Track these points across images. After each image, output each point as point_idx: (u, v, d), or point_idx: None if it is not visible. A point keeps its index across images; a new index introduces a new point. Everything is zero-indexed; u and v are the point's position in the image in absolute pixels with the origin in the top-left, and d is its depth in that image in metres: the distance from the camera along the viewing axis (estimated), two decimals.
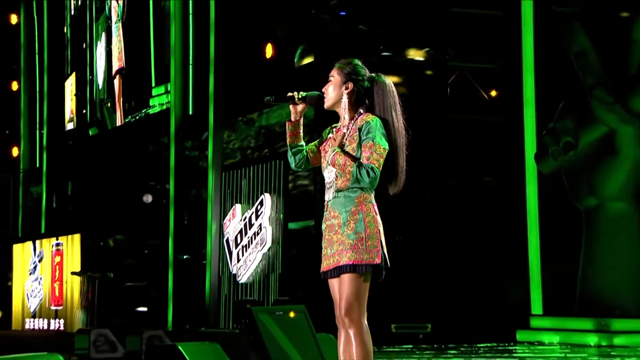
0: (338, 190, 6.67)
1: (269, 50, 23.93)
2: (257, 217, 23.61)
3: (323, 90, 6.86)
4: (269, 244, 23.12)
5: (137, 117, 28.81)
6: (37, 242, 29.83)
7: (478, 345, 20.32)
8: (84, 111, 30.37)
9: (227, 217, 24.74)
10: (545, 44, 22.34)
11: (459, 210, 22.77)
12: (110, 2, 29.49)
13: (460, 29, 22.92)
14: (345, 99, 6.75)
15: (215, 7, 25.52)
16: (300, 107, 6.86)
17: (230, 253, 24.49)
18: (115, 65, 29.20)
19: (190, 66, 26.51)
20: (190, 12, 26.44)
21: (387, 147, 6.53)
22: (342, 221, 6.58)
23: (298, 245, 23.17)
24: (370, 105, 6.77)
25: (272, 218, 23.17)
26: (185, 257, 26.39)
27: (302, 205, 23.45)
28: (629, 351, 19.07)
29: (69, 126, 31.25)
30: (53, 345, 22.51)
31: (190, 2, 26.39)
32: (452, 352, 18.94)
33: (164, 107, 28.01)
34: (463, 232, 22.43)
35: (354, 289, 6.56)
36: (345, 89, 6.75)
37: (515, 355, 18.98)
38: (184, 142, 26.81)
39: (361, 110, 6.76)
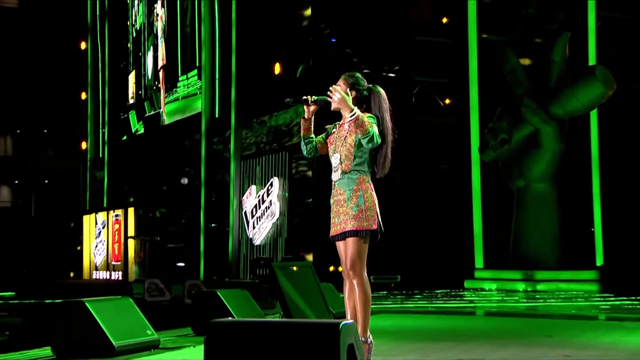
0: (343, 172, 6.88)
1: (277, 68, 24.10)
2: (268, 195, 23.86)
3: (330, 95, 6.86)
4: (277, 215, 23.39)
5: (171, 94, 29.53)
6: (101, 213, 30.07)
7: (436, 291, 20.71)
8: (140, 92, 30.63)
9: (245, 195, 24.99)
10: (486, 64, 22.56)
11: (421, 189, 22.88)
12: (158, 25, 29.80)
13: (422, 53, 22.98)
14: (347, 104, 6.80)
15: (236, 35, 25.73)
16: (312, 107, 6.97)
17: (248, 222, 24.75)
18: (160, 63, 29.59)
19: (217, 80, 26.66)
20: (217, 38, 26.60)
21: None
22: (346, 197, 6.82)
23: (299, 217, 23.43)
24: (367, 109, 6.94)
25: (279, 196, 23.42)
26: (212, 225, 26.63)
27: (302, 186, 23.60)
28: (548, 294, 19.38)
29: (131, 101, 31.61)
30: (114, 292, 22.83)
31: (217, 31, 26.56)
32: (417, 296, 19.15)
33: (187, 87, 28.91)
34: (425, 206, 22.52)
35: (356, 249, 6.84)
36: (351, 96, 6.87)
37: (464, 298, 18.92)
38: (212, 138, 26.95)
39: (357, 112, 6.73)
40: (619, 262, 21.02)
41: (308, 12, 23.59)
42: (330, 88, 6.69)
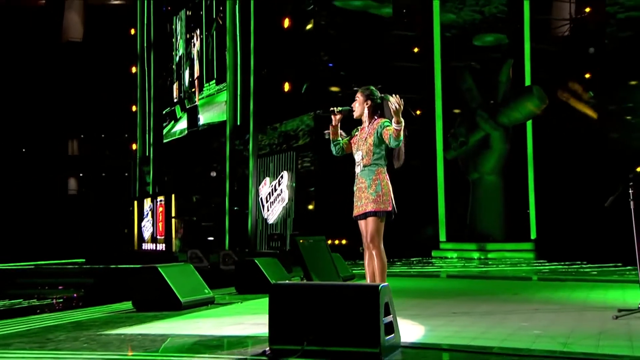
0: (364, 166, 6.92)
1: (286, 86, 24.00)
2: (279, 185, 23.75)
3: (352, 105, 7.08)
4: (286, 200, 23.29)
5: (202, 94, 29.31)
6: (147, 199, 29.89)
7: (412, 259, 20.70)
8: (181, 94, 30.65)
9: (261, 185, 24.89)
10: (448, 84, 22.55)
11: (399, 181, 22.86)
12: (193, 52, 29.73)
13: (399, 74, 22.85)
14: (366, 111, 7.01)
15: (254, 60, 25.60)
16: (338, 116, 7.03)
17: (263, 206, 24.64)
18: (195, 75, 29.58)
19: (239, 96, 26.53)
20: (239, 63, 26.45)
21: None
22: (367, 185, 6.87)
23: (304, 202, 23.36)
24: (381, 114, 6.97)
25: (288, 185, 23.32)
26: (235, 208, 26.57)
27: (306, 178, 23.49)
28: (497, 262, 19.39)
29: (175, 100, 31.59)
30: (161, 259, 22.68)
31: (239, 57, 26.40)
32: (398, 263, 19.03)
33: (211, 90, 28.70)
34: (401, 194, 22.52)
35: (375, 226, 6.89)
36: (367, 105, 7.00)
37: (434, 264, 18.92)
38: (235, 141, 26.87)
39: (376, 117, 6.98)
40: (548, 235, 21.19)
41: (311, 43, 23.51)
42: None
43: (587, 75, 22.26)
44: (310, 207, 23.24)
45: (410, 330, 6.19)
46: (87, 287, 16.58)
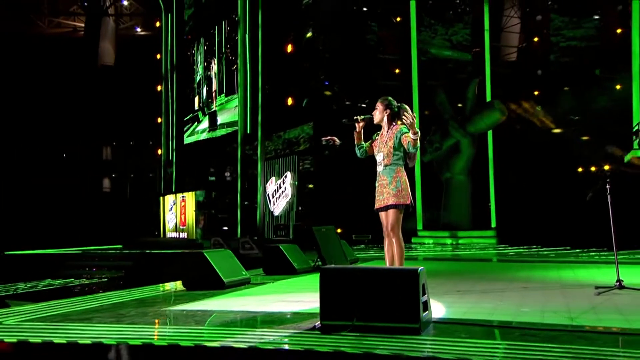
0: (385, 165, 6.67)
1: (289, 100, 23.74)
2: (283, 183, 23.46)
3: (372, 114, 6.86)
4: (289, 196, 23.00)
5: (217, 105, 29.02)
6: (171, 195, 29.61)
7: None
8: (201, 104, 30.35)
9: (268, 183, 24.54)
10: (424, 99, 22.32)
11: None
12: (212, 73, 29.44)
13: (383, 91, 22.65)
14: (386, 118, 6.78)
15: (262, 79, 25.36)
16: (361, 124, 6.81)
17: (269, 201, 24.32)
18: (213, 89, 29.26)
19: (249, 109, 26.21)
20: (249, 83, 26.15)
21: None
22: (388, 182, 6.62)
23: (305, 197, 23.09)
24: (396, 121, 6.75)
25: (291, 184, 23.06)
26: (246, 203, 26.23)
27: (306, 177, 23.25)
28: (465, 246, 19.27)
29: (196, 108, 31.25)
30: (185, 246, 22.30)
31: (249, 77, 26.12)
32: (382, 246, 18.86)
33: (222, 100, 28.44)
34: None
35: (395, 217, 6.65)
36: (387, 113, 6.78)
37: (414, 248, 18.87)
38: (245, 146, 26.52)
39: (394, 123, 6.76)
40: (506, 224, 21.05)
41: (310, 65, 23.31)
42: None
43: (536, 92, 22.28)
44: (310, 201, 22.93)
45: (432, 307, 5.92)
46: (127, 268, 16.32)
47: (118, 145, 38.57)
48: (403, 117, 6.46)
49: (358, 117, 6.90)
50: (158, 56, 33.79)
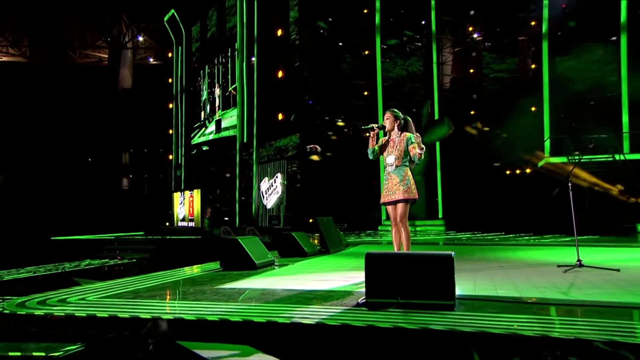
0: (396, 166, 6.33)
1: (280, 116, 23.30)
2: (274, 182, 23.07)
3: (384, 123, 6.49)
4: (280, 193, 22.62)
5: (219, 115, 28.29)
6: (180, 192, 28.82)
7: (366, 231, 20.03)
8: (206, 116, 29.61)
9: (261, 182, 24.13)
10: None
11: (357, 181, 22.19)
12: (215, 93, 28.76)
13: (354, 109, 22.23)
14: (396, 128, 6.43)
15: (257, 98, 24.85)
16: (375, 131, 6.41)
17: (263, 196, 23.88)
18: (216, 105, 28.54)
19: (245, 122, 25.67)
20: (245, 101, 25.58)
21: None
22: (399, 180, 6.27)
23: (293, 194, 22.61)
24: (404, 129, 6.43)
25: (281, 183, 22.66)
26: (243, 198, 25.67)
27: (294, 178, 22.77)
28: (423, 233, 18.87)
29: (202, 119, 30.35)
30: (194, 232, 21.66)
31: (245, 97, 25.56)
32: (355, 233, 18.53)
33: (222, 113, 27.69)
34: (361, 190, 21.87)
35: (404, 209, 6.29)
36: (397, 123, 6.44)
37: (379, 234, 18.54)
38: (242, 153, 25.97)
39: (401, 132, 6.42)
40: (451, 214, 21.01)
41: (297, 88, 22.85)
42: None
43: (472, 112, 22.30)
44: (295, 197, 22.46)
45: None
46: (151, 251, 15.69)
47: (135, 152, 37.78)
48: (414, 136, 6.25)
49: (374, 125, 6.49)
50: (170, 80, 33.03)
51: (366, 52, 22.87)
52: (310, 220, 10.69)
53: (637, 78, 19.20)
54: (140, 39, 40.15)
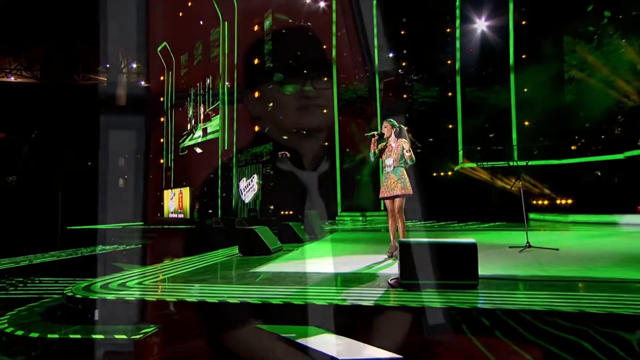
0: (394, 167, 5.96)
1: (256, 128, 22.46)
2: (251, 182, 22.34)
3: (382, 131, 6.17)
4: (255, 190, 21.90)
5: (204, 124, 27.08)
6: (170, 189, 27.66)
7: (329, 220, 19.52)
8: (193, 126, 28.26)
9: (240, 181, 23.32)
10: (343, 128, 21.57)
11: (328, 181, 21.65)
12: (201, 109, 27.55)
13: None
14: (393, 134, 6.10)
15: (237, 114, 23.99)
16: (376, 137, 6.11)
17: (242, 192, 23.09)
18: (200, 118, 27.33)
19: (227, 133, 24.74)
20: (226, 116, 24.69)
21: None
22: (397, 179, 5.91)
23: (268, 191, 21.89)
24: (399, 136, 6.10)
25: (257, 182, 21.95)
26: (224, 194, 24.74)
27: (268, 178, 22.03)
28: (374, 222, 18.66)
29: (188, 127, 28.96)
30: (184, 222, 20.64)
31: (226, 113, 24.65)
32: (326, 223, 17.99)
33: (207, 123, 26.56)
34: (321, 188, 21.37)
35: (401, 203, 5.93)
36: (393, 131, 6.14)
37: (337, 223, 18.11)
38: (224, 158, 24.96)
39: (397, 138, 6.09)
40: None
41: (270, 104, 22.13)
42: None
43: (406, 127, 22.05)
44: (269, 194, 21.74)
45: None
46: (153, 239, 14.73)
47: (129, 157, 36.02)
48: (404, 144, 5.92)
49: (375, 132, 6.16)
50: (162, 99, 31.59)
51: (325, 79, 22.49)
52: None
53: (523, 107, 19.69)
54: (134, 65, 38.62)
